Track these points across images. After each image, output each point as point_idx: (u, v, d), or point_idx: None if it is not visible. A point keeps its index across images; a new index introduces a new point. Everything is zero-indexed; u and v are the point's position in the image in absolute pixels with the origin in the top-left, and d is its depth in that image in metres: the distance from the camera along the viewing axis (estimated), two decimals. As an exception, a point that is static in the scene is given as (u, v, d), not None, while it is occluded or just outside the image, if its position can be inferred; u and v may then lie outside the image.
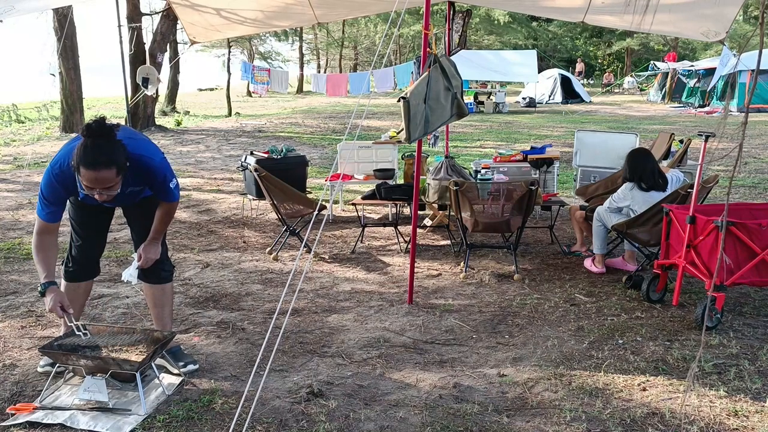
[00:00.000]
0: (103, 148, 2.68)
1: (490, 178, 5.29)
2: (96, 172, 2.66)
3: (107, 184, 2.71)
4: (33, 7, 5.47)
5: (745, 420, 2.77)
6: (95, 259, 3.35)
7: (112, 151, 2.70)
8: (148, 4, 34.03)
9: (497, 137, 14.04)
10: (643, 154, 4.77)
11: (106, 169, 2.67)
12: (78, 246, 3.25)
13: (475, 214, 4.76)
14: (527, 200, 4.65)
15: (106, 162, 2.67)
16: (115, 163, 2.69)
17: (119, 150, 2.73)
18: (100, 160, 2.66)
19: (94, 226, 3.24)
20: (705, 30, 5.21)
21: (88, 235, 3.24)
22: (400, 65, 15.58)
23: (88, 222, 3.20)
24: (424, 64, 4.07)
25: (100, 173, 2.67)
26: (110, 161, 2.68)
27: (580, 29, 38.19)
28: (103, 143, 2.68)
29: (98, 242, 3.32)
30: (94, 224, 3.23)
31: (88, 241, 3.25)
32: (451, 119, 4.20)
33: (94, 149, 2.66)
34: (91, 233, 3.25)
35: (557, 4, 6.08)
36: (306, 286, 4.60)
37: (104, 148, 2.68)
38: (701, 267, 3.77)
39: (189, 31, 6.93)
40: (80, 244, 3.24)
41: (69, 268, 3.26)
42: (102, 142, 2.68)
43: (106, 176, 2.68)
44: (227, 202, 7.53)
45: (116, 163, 2.70)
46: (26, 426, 2.75)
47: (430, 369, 3.30)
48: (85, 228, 3.22)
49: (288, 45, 38.09)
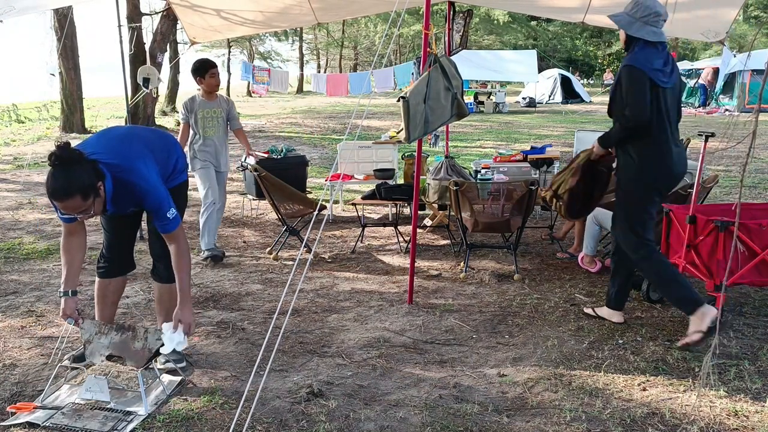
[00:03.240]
0: (62, 177, 2.63)
1: (490, 178, 5.29)
2: (60, 202, 2.66)
3: (79, 210, 2.70)
4: (32, 7, 5.47)
5: (745, 420, 2.77)
6: (126, 255, 3.38)
7: (74, 178, 2.63)
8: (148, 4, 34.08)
9: (497, 137, 14.04)
10: None
11: (67, 198, 2.64)
12: (107, 243, 3.29)
13: (475, 214, 4.76)
14: (527, 200, 4.66)
15: (64, 192, 2.63)
16: (76, 191, 2.64)
17: (83, 175, 2.66)
18: (58, 190, 2.63)
19: (121, 222, 3.27)
20: (705, 30, 5.22)
21: (117, 231, 3.28)
22: (400, 65, 15.59)
23: (116, 218, 3.22)
24: (425, 64, 4.07)
25: (63, 202, 2.65)
26: (69, 190, 2.63)
27: (580, 29, 38.18)
28: (61, 173, 2.63)
29: (127, 238, 3.36)
30: (121, 220, 3.26)
31: (116, 237, 3.30)
32: (451, 119, 4.20)
33: (54, 179, 2.63)
34: (118, 229, 3.29)
35: (557, 4, 6.08)
36: (306, 286, 4.60)
37: (63, 178, 2.63)
38: (701, 267, 3.77)
39: (189, 32, 6.93)
40: (109, 241, 3.29)
41: (100, 265, 3.31)
42: (60, 172, 2.63)
43: (72, 204, 2.66)
44: (227, 202, 7.52)
45: (78, 191, 2.64)
46: (26, 426, 2.76)
47: (430, 369, 3.30)
48: (113, 223, 3.26)
49: (288, 45, 38.16)
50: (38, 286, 4.61)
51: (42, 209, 7.10)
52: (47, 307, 4.20)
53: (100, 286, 3.32)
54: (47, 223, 6.38)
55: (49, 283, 4.66)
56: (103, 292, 3.33)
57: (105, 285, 3.32)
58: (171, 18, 14.57)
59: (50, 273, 4.91)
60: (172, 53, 19.65)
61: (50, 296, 4.39)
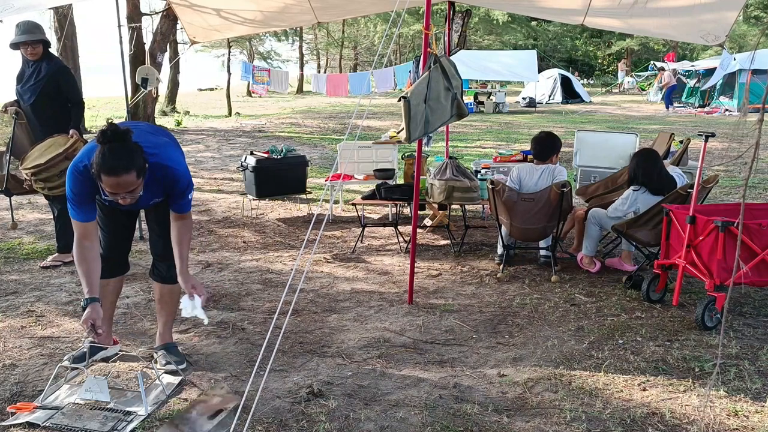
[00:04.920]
0: (120, 152, 2.69)
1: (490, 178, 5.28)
2: (117, 178, 2.68)
3: (129, 188, 2.74)
4: (32, 6, 5.46)
5: (745, 420, 2.77)
6: (122, 256, 3.38)
7: (130, 154, 2.72)
8: (148, 4, 34.04)
9: (497, 137, 14.04)
10: (652, 156, 4.69)
11: (125, 173, 2.69)
12: (106, 243, 3.28)
13: (512, 219, 4.68)
14: (560, 204, 4.54)
15: (125, 166, 2.69)
16: (134, 166, 2.71)
17: (136, 153, 2.75)
18: (119, 164, 2.68)
19: (119, 223, 3.28)
20: (705, 33, 5.21)
21: (114, 231, 3.28)
22: (400, 65, 15.59)
23: (114, 219, 3.22)
24: (425, 64, 4.07)
25: (120, 178, 2.69)
26: (129, 165, 2.70)
27: (580, 29, 38.18)
28: (119, 147, 2.70)
29: (124, 239, 3.36)
30: (119, 221, 3.26)
31: (114, 237, 3.29)
32: (451, 119, 4.20)
33: (113, 155, 2.68)
34: (116, 230, 3.28)
35: (557, 6, 6.08)
36: (306, 286, 4.60)
37: (121, 153, 2.69)
38: (701, 267, 3.77)
39: (189, 32, 6.93)
40: (107, 241, 3.28)
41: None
42: (118, 147, 2.70)
43: (128, 180, 2.71)
44: (227, 202, 7.53)
45: (135, 166, 2.72)
46: (26, 426, 2.76)
47: (430, 369, 3.30)
48: (110, 224, 3.25)
49: (288, 45, 38.12)
50: (38, 286, 4.61)
51: (42, 209, 7.09)
52: (47, 307, 4.20)
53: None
54: (47, 223, 6.38)
55: (49, 283, 4.66)
56: (102, 292, 3.31)
57: (104, 285, 3.30)
58: (171, 18, 14.57)
59: (50, 273, 4.91)
60: (172, 53, 19.63)
61: (50, 296, 4.39)
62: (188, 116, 20.04)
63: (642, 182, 4.60)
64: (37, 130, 4.95)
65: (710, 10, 5.03)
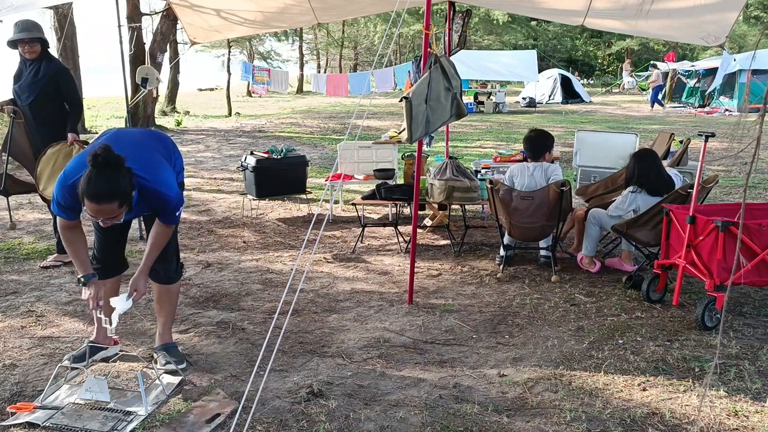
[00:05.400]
0: (107, 180, 2.64)
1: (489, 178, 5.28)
2: (97, 205, 2.65)
3: (109, 215, 2.71)
4: (30, 5, 5.46)
5: (745, 420, 2.77)
6: (119, 256, 3.38)
7: (116, 183, 2.66)
8: (148, 4, 34.00)
9: (497, 137, 14.04)
10: (649, 156, 4.70)
11: (107, 202, 2.65)
12: (99, 245, 3.28)
13: (510, 218, 4.68)
14: (560, 203, 4.53)
15: (107, 195, 2.64)
16: (117, 197, 2.66)
17: (123, 181, 2.69)
18: (101, 193, 2.63)
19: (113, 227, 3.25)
20: (705, 35, 5.20)
21: (109, 232, 3.27)
22: (400, 65, 15.59)
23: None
24: (425, 64, 4.07)
25: (101, 206, 2.66)
26: (112, 195, 2.65)
27: (580, 29, 38.19)
28: (107, 175, 2.64)
29: (117, 241, 3.35)
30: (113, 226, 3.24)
31: (107, 240, 3.28)
32: (451, 119, 4.20)
33: (98, 181, 2.63)
34: (111, 231, 3.27)
35: (557, 6, 6.08)
36: (306, 286, 4.60)
37: (107, 181, 2.64)
38: (701, 267, 3.77)
39: (189, 32, 6.93)
40: (101, 242, 3.28)
41: (94, 267, 3.27)
42: (107, 174, 2.64)
43: (108, 209, 2.67)
44: (227, 202, 7.53)
45: (118, 197, 2.67)
46: (26, 426, 2.76)
47: (430, 369, 3.30)
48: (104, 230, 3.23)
49: (288, 45, 38.12)
50: (38, 286, 4.61)
51: (42, 209, 7.09)
52: (47, 307, 4.20)
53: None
54: (47, 223, 6.38)
55: (49, 283, 4.66)
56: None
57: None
58: (171, 18, 14.57)
59: (50, 273, 4.91)
60: (172, 53, 19.62)
61: (50, 296, 4.39)
62: (188, 116, 20.04)
63: (638, 183, 4.61)
64: (34, 131, 4.95)
65: (710, 11, 5.03)
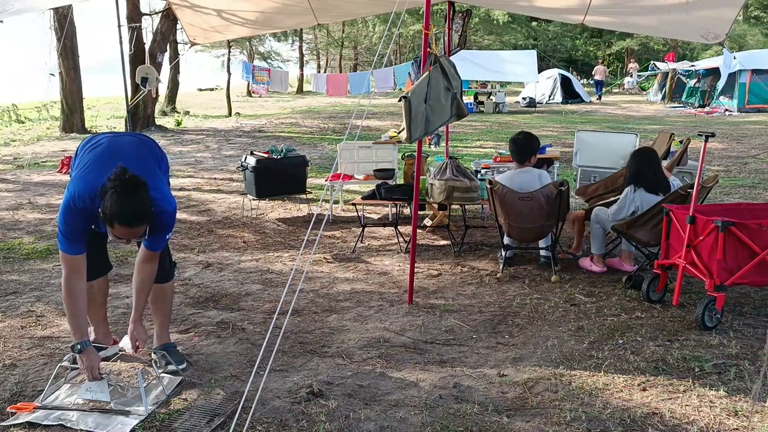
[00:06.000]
0: (137, 203, 2.69)
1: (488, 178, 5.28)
2: (131, 228, 2.72)
3: (137, 235, 2.79)
4: (32, 7, 5.47)
5: (745, 420, 2.77)
6: (102, 257, 3.37)
7: (145, 205, 2.74)
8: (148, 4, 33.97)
9: (497, 137, 14.04)
10: (646, 155, 4.72)
11: (139, 225, 2.74)
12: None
13: (509, 219, 4.68)
14: (558, 203, 4.53)
15: (141, 219, 2.73)
16: (147, 217, 2.77)
17: (149, 202, 2.76)
18: (136, 217, 2.71)
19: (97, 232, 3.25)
20: (704, 32, 5.21)
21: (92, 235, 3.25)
22: (400, 65, 15.59)
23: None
24: (425, 64, 4.07)
25: (134, 229, 2.73)
26: (145, 217, 2.75)
27: (580, 29, 38.16)
28: (136, 199, 2.69)
29: (101, 242, 3.33)
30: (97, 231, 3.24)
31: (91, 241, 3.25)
32: (451, 119, 4.20)
33: (130, 205, 2.67)
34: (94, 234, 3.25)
35: (557, 5, 6.08)
36: (306, 286, 4.60)
37: (138, 204, 2.70)
38: (701, 267, 3.77)
39: (189, 32, 6.93)
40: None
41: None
42: (135, 197, 2.69)
43: (139, 230, 2.76)
44: (227, 202, 7.53)
45: (148, 217, 2.77)
46: (26, 426, 2.76)
47: (430, 369, 3.30)
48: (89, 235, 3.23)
49: (288, 45, 38.11)
50: (38, 286, 4.61)
51: (42, 209, 7.10)
52: (47, 307, 4.20)
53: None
54: (47, 223, 6.39)
55: (49, 283, 4.66)
56: (89, 295, 3.23)
57: (88, 288, 3.25)
58: (171, 18, 14.56)
59: (50, 273, 4.91)
60: (172, 53, 19.63)
61: (50, 296, 4.39)
62: (188, 116, 20.04)
63: (636, 180, 4.61)
64: None
65: (710, 8, 5.03)
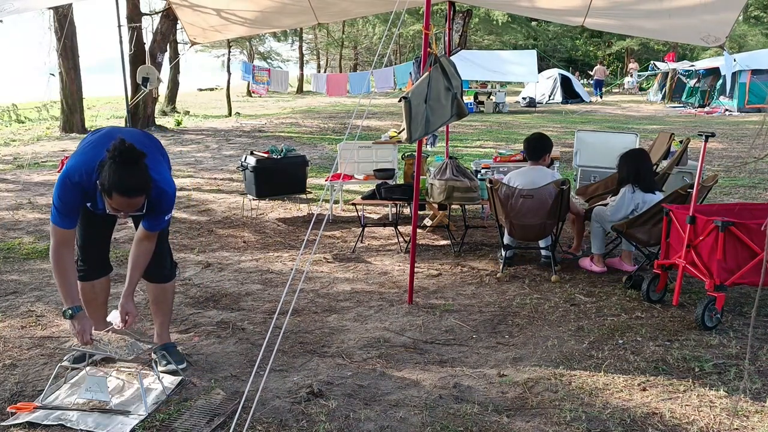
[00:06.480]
0: (136, 174, 2.71)
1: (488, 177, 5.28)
2: (129, 199, 2.72)
3: (135, 207, 2.78)
4: (31, 6, 5.47)
5: (745, 420, 2.77)
6: (103, 257, 3.37)
7: (144, 177, 2.74)
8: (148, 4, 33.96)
9: (497, 137, 14.04)
10: (636, 155, 4.78)
11: (138, 195, 2.73)
12: (84, 246, 3.26)
13: (510, 217, 4.67)
14: (559, 202, 4.53)
15: (140, 189, 2.73)
16: (146, 189, 2.76)
17: (147, 175, 2.77)
18: (135, 187, 2.71)
19: (99, 226, 3.26)
20: (705, 36, 5.20)
21: (94, 234, 3.26)
22: (400, 65, 15.58)
23: (93, 222, 3.21)
24: (425, 64, 4.07)
25: (132, 199, 2.73)
26: (143, 188, 2.74)
27: (580, 29, 38.18)
28: (135, 170, 2.71)
29: (103, 240, 3.35)
30: (99, 224, 3.25)
31: (93, 240, 3.27)
32: (451, 119, 4.20)
33: (129, 176, 2.68)
34: (96, 232, 3.27)
35: (557, 6, 6.08)
36: (306, 286, 4.60)
37: (137, 175, 2.71)
38: (701, 267, 3.77)
39: (189, 32, 6.93)
40: (86, 244, 3.26)
41: (80, 269, 3.26)
42: (134, 169, 2.70)
43: (137, 202, 2.75)
44: (227, 202, 7.53)
45: (147, 189, 2.76)
46: (26, 426, 2.76)
47: (430, 369, 3.30)
48: (90, 228, 3.23)
49: (288, 45, 38.09)
50: (38, 286, 4.61)
51: (42, 209, 7.09)
52: (47, 307, 4.20)
53: (84, 290, 3.26)
54: (47, 223, 6.38)
55: (49, 283, 4.66)
56: (90, 295, 3.30)
57: (90, 288, 3.30)
58: (171, 18, 14.58)
59: (50, 273, 4.90)
60: (172, 53, 19.63)
61: (50, 296, 4.39)
62: (188, 116, 20.04)
63: (636, 181, 4.62)
64: None
65: (710, 11, 5.02)
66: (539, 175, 4.77)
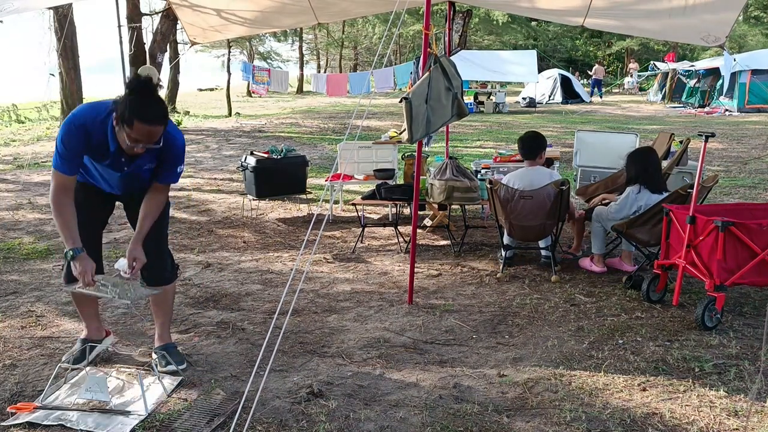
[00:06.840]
0: (156, 103, 2.78)
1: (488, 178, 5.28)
2: (151, 126, 2.76)
3: (155, 138, 2.82)
4: (31, 6, 5.47)
5: (745, 420, 2.77)
6: (96, 258, 3.33)
7: (163, 107, 2.82)
8: (148, 4, 34.00)
9: (497, 137, 14.04)
10: (644, 154, 4.73)
11: (159, 124, 2.79)
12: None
13: (510, 218, 4.67)
14: (559, 202, 4.54)
15: (161, 117, 2.79)
16: (166, 118, 2.83)
17: (165, 106, 2.86)
18: (156, 114, 2.76)
19: (91, 225, 3.23)
20: (705, 35, 5.20)
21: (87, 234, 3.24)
22: (400, 65, 15.59)
23: (86, 221, 3.19)
24: (425, 64, 4.07)
25: (154, 127, 2.77)
26: (164, 116, 2.81)
27: (580, 29, 38.18)
28: (156, 100, 2.79)
29: (96, 241, 3.32)
30: (91, 222, 3.23)
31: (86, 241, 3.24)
32: (452, 119, 4.20)
33: (151, 104, 2.76)
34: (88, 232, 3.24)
35: (557, 6, 6.08)
36: (306, 286, 4.60)
37: (157, 103, 2.79)
38: (701, 267, 3.77)
39: (189, 32, 6.93)
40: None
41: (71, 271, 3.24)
42: (155, 100, 2.79)
43: (158, 131, 2.80)
44: (227, 202, 7.53)
45: (165, 120, 2.83)
46: (26, 426, 2.76)
47: (430, 369, 3.30)
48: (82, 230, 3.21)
49: (288, 45, 38.14)
50: (38, 286, 4.61)
51: (42, 209, 7.09)
52: (47, 307, 4.20)
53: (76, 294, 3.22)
54: (47, 223, 6.38)
55: (49, 284, 4.66)
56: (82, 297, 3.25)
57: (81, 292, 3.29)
58: (171, 18, 14.58)
59: (50, 273, 4.91)
60: (172, 53, 19.65)
61: (50, 296, 4.39)
62: (188, 116, 20.04)
63: (644, 181, 4.61)
64: None
65: (710, 11, 5.02)
66: (538, 176, 4.77)
